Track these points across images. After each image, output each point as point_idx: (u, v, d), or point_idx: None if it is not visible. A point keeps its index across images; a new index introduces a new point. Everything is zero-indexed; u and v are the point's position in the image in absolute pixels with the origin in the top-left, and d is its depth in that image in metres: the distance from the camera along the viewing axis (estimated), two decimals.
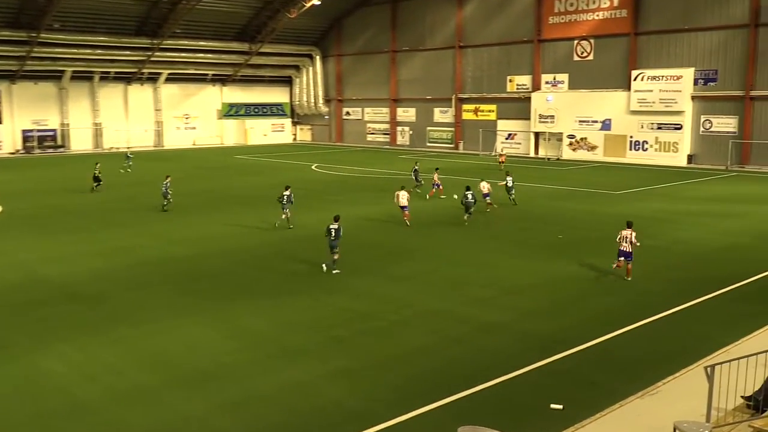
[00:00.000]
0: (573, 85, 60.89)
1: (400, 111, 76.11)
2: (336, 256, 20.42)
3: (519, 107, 64.61)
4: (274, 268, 21.15)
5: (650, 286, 19.14)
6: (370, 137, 79.32)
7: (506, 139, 65.82)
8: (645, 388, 12.21)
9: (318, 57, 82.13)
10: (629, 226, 20.13)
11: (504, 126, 66.16)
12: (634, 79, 55.83)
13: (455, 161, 55.95)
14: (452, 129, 70.81)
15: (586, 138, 59.43)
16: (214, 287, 19.04)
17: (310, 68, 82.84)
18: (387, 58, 75.98)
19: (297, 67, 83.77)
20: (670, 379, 12.62)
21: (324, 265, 20.60)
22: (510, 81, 65.44)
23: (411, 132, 74.68)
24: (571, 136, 60.27)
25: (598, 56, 59.21)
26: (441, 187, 35.76)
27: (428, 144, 72.70)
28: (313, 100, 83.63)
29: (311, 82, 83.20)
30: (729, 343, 14.30)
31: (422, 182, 37.74)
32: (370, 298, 17.92)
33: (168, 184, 31.73)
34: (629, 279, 19.62)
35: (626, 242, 19.70)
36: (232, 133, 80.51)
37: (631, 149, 56.83)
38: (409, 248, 23.54)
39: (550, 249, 23.73)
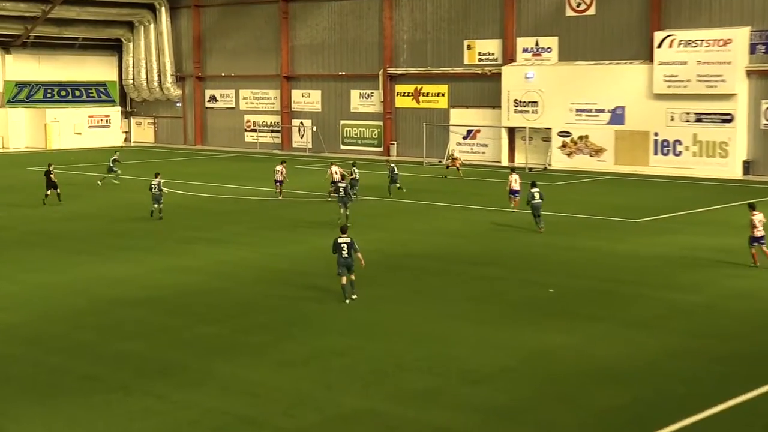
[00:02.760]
0: (565, 55, 62.42)
1: (296, 95, 76.33)
2: (353, 276, 24.81)
3: (483, 89, 65.76)
4: (91, 348, 20.82)
5: (685, 367, 19.44)
6: (249, 137, 79.16)
7: (464, 138, 66.97)
8: None
9: (164, 9, 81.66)
10: (753, 208, 29.23)
11: (460, 118, 67.14)
12: (659, 45, 57.58)
13: (385, 173, 55.88)
14: (380, 123, 71.37)
15: (587, 137, 60.92)
16: None
17: (152, 27, 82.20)
18: (275, 10, 76.22)
19: (130, 25, 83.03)
20: None
21: (347, 300, 24.54)
22: (469, 48, 66.66)
23: (315, 128, 74.90)
24: (565, 134, 61.62)
25: (603, 10, 60.89)
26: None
27: (343, 147, 73.16)
28: (156, 78, 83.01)
29: (153, 49, 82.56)
30: None
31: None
32: (248, 394, 17.68)
33: (160, 185, 38.93)
34: (757, 265, 28.53)
35: (761, 226, 28.61)
36: (22, 131, 79.06)
37: (656, 153, 58.49)
38: (307, 312, 23.59)
39: (535, 309, 23.92)
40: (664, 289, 26.43)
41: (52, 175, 44.65)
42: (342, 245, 24.39)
